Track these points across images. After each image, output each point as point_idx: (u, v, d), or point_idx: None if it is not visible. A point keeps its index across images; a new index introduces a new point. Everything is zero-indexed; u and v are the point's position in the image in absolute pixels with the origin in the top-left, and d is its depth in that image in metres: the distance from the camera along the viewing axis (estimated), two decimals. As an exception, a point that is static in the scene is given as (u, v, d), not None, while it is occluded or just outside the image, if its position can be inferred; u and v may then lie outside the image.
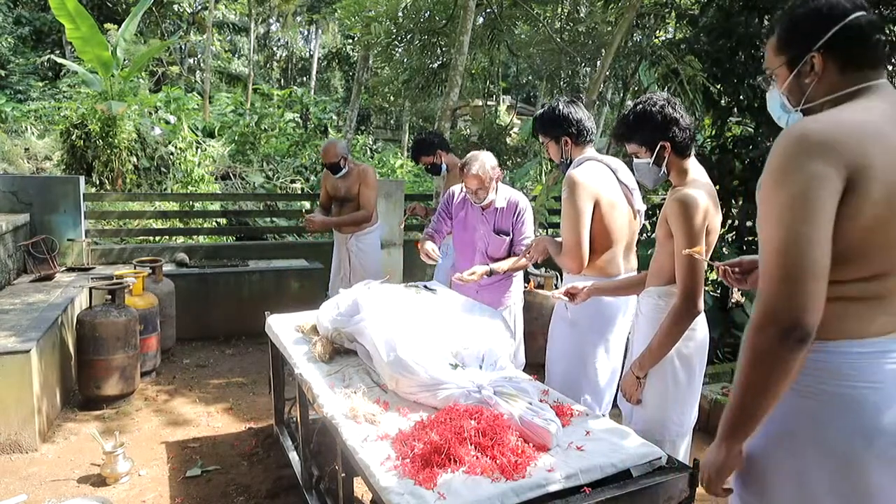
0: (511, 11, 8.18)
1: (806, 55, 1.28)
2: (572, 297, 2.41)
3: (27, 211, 5.11)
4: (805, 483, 1.25)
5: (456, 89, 5.56)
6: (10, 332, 3.38)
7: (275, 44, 24.89)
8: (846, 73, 1.26)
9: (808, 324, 1.13)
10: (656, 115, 2.05)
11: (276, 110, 11.90)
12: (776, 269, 1.16)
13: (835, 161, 1.13)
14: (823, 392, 1.23)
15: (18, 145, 9.93)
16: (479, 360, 2.29)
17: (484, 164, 3.07)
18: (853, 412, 1.21)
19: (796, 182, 1.14)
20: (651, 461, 1.77)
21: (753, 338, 1.18)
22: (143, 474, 3.09)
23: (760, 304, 1.17)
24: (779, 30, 1.34)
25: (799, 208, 1.14)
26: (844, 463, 1.22)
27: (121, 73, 8.76)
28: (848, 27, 1.24)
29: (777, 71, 1.36)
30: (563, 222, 2.54)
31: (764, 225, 1.21)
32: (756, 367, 1.18)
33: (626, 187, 2.64)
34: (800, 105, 1.35)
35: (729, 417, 1.27)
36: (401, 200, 6.20)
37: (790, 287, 1.14)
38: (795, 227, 1.14)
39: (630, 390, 2.21)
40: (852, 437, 1.21)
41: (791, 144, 1.17)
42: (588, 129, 2.65)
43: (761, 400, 1.20)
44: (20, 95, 13.65)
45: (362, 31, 9.84)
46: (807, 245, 1.13)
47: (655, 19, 7.18)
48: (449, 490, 1.56)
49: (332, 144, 4.57)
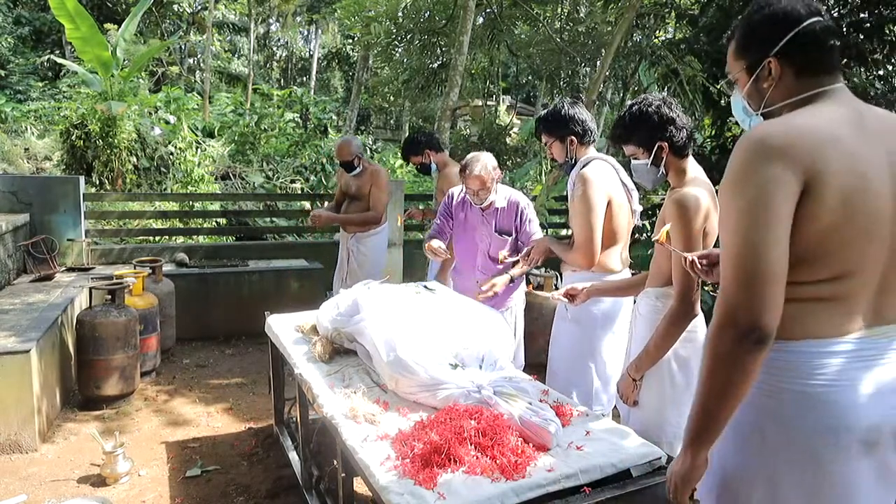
0: (511, 11, 8.18)
1: (763, 60, 1.30)
2: (572, 299, 2.42)
3: (27, 211, 5.11)
4: (776, 484, 1.25)
5: (456, 89, 5.56)
6: (10, 332, 3.38)
7: (275, 44, 24.89)
8: (802, 77, 1.28)
9: (766, 326, 1.15)
10: (653, 116, 2.06)
11: (276, 110, 11.89)
12: (734, 272, 1.18)
13: (791, 165, 1.15)
14: (786, 391, 1.24)
15: (18, 145, 9.93)
16: (479, 360, 2.29)
17: (486, 164, 3.08)
18: (817, 410, 1.22)
19: (753, 186, 1.16)
20: (651, 461, 1.77)
21: (713, 341, 1.20)
22: (143, 474, 3.09)
23: (720, 308, 1.19)
24: (737, 35, 1.36)
25: (756, 213, 1.15)
26: (813, 460, 1.23)
27: (121, 74, 8.75)
28: (803, 33, 1.26)
29: (737, 76, 1.38)
30: (576, 219, 2.57)
31: (723, 229, 1.23)
32: (717, 370, 1.20)
33: (626, 187, 2.70)
34: (760, 109, 1.36)
35: (693, 424, 1.27)
36: (401, 200, 6.20)
37: (748, 290, 1.15)
38: (752, 231, 1.16)
39: (627, 392, 2.20)
40: (819, 434, 1.22)
41: (748, 149, 1.19)
42: (591, 130, 2.72)
43: (723, 403, 1.21)
44: (20, 95, 13.66)
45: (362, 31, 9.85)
46: (764, 249, 1.15)
47: (655, 19, 7.19)
48: (449, 490, 1.56)
49: (346, 143, 4.53)
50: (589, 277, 2.59)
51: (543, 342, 4.02)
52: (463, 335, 2.34)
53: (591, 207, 2.52)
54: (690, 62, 5.40)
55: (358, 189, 4.52)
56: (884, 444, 1.24)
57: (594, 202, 2.53)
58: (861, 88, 4.32)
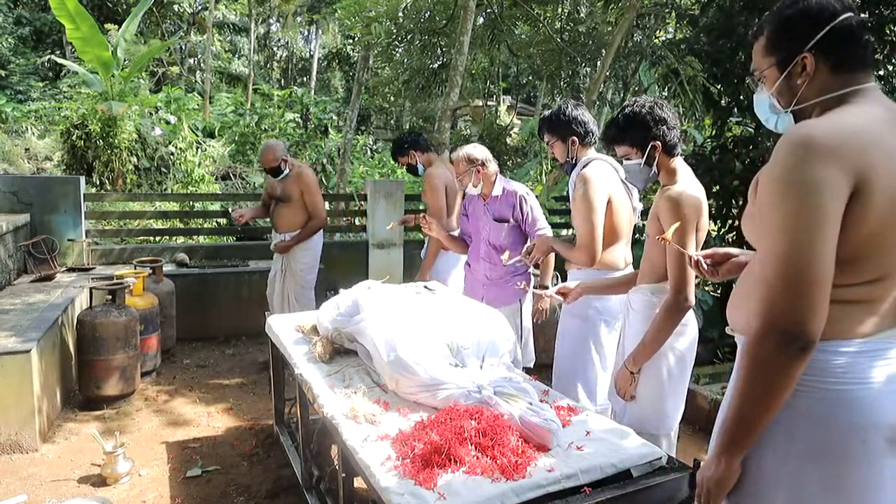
0: (511, 12, 8.17)
1: (797, 56, 1.27)
2: (564, 297, 2.47)
3: (27, 211, 5.11)
4: (802, 485, 1.24)
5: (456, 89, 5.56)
6: (11, 332, 3.38)
7: (275, 44, 24.89)
8: (838, 74, 1.25)
9: (812, 333, 1.12)
10: (646, 116, 2.11)
11: (277, 110, 11.90)
12: (780, 277, 1.14)
13: (841, 168, 1.11)
14: (816, 390, 1.22)
15: (19, 145, 9.94)
16: (480, 360, 2.29)
17: (461, 153, 3.26)
18: (845, 409, 1.20)
19: (803, 187, 1.12)
20: (651, 461, 1.77)
21: (754, 347, 1.16)
22: (144, 474, 3.09)
23: (763, 313, 1.15)
24: (768, 31, 1.32)
25: (806, 216, 1.12)
26: (839, 459, 1.21)
27: (121, 74, 8.76)
28: (838, 28, 1.23)
29: (766, 72, 1.35)
30: (578, 218, 2.63)
31: (765, 231, 1.20)
32: (757, 377, 1.17)
33: (626, 186, 2.75)
34: (790, 106, 1.33)
35: (728, 429, 1.25)
36: (401, 201, 6.20)
37: (794, 296, 1.12)
38: (801, 235, 1.12)
39: (624, 385, 2.24)
40: (847, 432, 1.20)
41: (796, 148, 1.15)
42: (593, 132, 2.80)
43: (762, 411, 1.19)
44: (20, 96, 13.67)
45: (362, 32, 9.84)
46: (813, 255, 1.11)
47: (656, 19, 7.19)
48: (449, 490, 1.56)
49: (269, 149, 4.51)
50: (593, 275, 2.63)
51: (543, 342, 4.03)
52: (463, 335, 2.34)
53: (592, 206, 2.58)
54: (691, 62, 5.40)
55: (284, 190, 4.52)
56: None
57: (595, 201, 2.58)
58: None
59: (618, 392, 2.28)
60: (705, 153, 5.33)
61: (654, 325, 2.10)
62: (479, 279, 3.34)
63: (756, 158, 4.94)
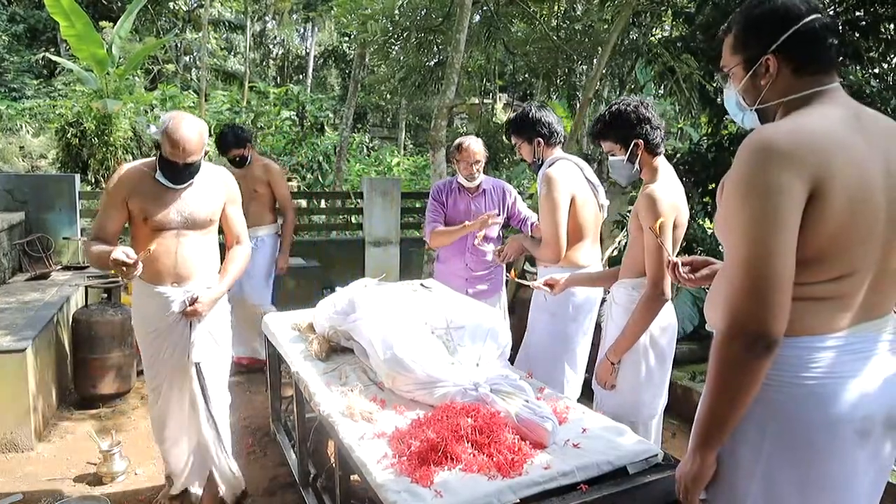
0: (507, 9, 8.16)
1: (761, 56, 1.29)
2: (551, 288, 2.56)
3: (22, 209, 5.09)
4: (772, 478, 1.27)
5: (452, 87, 5.55)
6: (6, 330, 3.37)
7: (271, 41, 24.82)
8: (800, 75, 1.27)
9: (775, 333, 1.16)
10: (630, 115, 2.22)
11: (273, 108, 11.86)
12: (743, 281, 1.18)
13: (800, 172, 1.14)
14: (788, 385, 1.25)
15: (13, 143, 9.90)
16: (476, 358, 2.30)
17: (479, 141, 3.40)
18: (817, 404, 1.23)
19: (761, 194, 1.16)
20: (647, 458, 1.78)
21: (722, 348, 1.21)
22: (140, 473, 3.09)
23: (728, 315, 1.19)
24: (735, 29, 1.34)
25: (765, 221, 1.15)
26: (811, 453, 1.24)
27: (116, 71, 8.73)
28: (803, 30, 1.25)
29: (733, 70, 1.37)
30: (543, 217, 2.75)
31: (729, 235, 1.24)
32: (726, 375, 1.21)
33: (592, 184, 2.89)
34: (755, 105, 1.36)
35: (702, 426, 1.29)
36: (397, 199, 6.20)
37: (757, 299, 1.16)
38: (761, 240, 1.15)
39: (605, 375, 2.34)
40: (817, 426, 1.23)
41: (755, 153, 1.18)
42: (558, 132, 2.91)
43: (732, 408, 1.23)
44: (15, 93, 13.59)
45: (358, 29, 9.82)
46: (773, 258, 1.15)
47: (652, 17, 7.19)
48: (446, 488, 1.56)
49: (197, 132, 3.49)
50: (557, 272, 2.72)
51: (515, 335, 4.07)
52: (460, 333, 2.34)
53: (556, 205, 2.70)
54: (687, 60, 5.40)
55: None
56: (876, 432, 1.26)
57: (558, 200, 2.70)
58: (856, 86, 4.33)
59: (598, 381, 2.38)
60: (701, 151, 5.34)
61: (633, 318, 2.21)
62: (459, 273, 3.39)
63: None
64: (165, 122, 2.35)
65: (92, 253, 2.36)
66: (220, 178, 2.61)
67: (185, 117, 2.38)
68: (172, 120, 2.34)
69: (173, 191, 2.44)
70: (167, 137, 2.31)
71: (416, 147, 18.22)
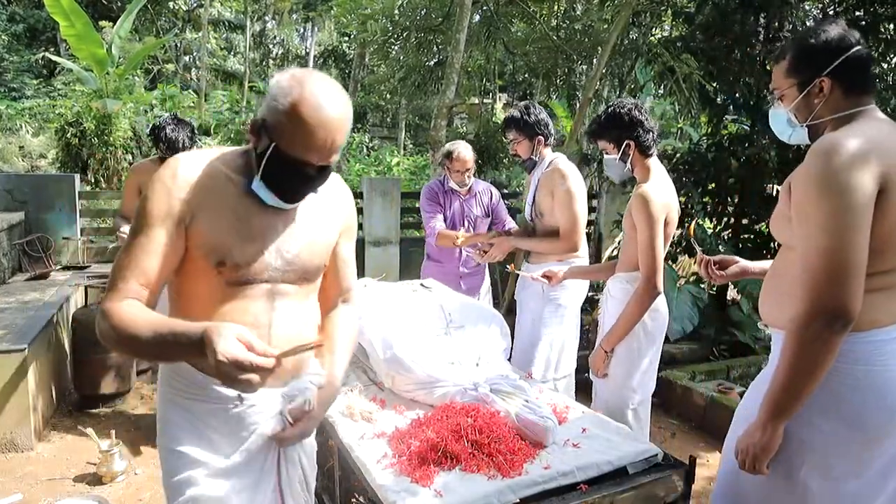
0: (507, 9, 8.16)
1: (816, 79, 1.47)
2: (549, 279, 2.67)
3: (22, 209, 5.09)
4: (828, 457, 1.43)
5: (452, 87, 5.55)
6: (5, 330, 3.37)
7: (270, 41, 24.82)
8: (848, 96, 1.47)
9: (853, 312, 1.32)
10: (624, 117, 2.33)
11: (273, 108, 11.85)
12: (824, 269, 1.33)
13: (871, 171, 1.31)
14: (851, 376, 1.40)
15: (13, 143, 9.89)
16: (476, 357, 2.30)
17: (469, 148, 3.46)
18: (877, 392, 1.40)
19: (839, 190, 1.31)
20: (647, 458, 1.77)
21: (803, 326, 1.35)
22: (140, 473, 3.08)
23: (810, 298, 1.34)
24: (790, 55, 1.52)
25: (843, 214, 1.31)
26: (870, 436, 1.41)
27: (116, 71, 8.72)
28: (853, 57, 1.45)
29: (786, 91, 1.54)
30: (562, 209, 2.85)
31: (806, 229, 1.38)
32: (805, 352, 1.35)
33: None
34: (806, 121, 1.53)
35: (776, 399, 1.41)
36: (397, 199, 6.19)
37: (838, 285, 1.31)
38: (841, 232, 1.31)
39: (598, 364, 2.46)
40: (877, 413, 1.40)
41: (830, 156, 1.34)
42: (553, 133, 3.05)
43: (809, 380, 1.36)
44: (15, 93, 13.59)
45: (358, 29, 9.82)
46: (851, 248, 1.31)
47: (652, 17, 7.19)
48: (445, 488, 1.56)
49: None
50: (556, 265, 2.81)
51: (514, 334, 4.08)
52: (459, 333, 2.34)
53: (574, 198, 2.82)
54: (687, 60, 5.40)
55: None
56: None
57: (576, 193, 2.83)
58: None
59: (592, 369, 2.51)
60: (701, 151, 5.34)
61: (626, 310, 2.33)
62: (452, 271, 3.51)
63: (752, 156, 4.95)
64: (286, 90, 1.21)
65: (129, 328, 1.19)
66: (338, 193, 1.53)
67: (322, 80, 1.25)
68: (302, 86, 1.21)
69: (273, 214, 1.35)
70: (297, 117, 1.20)
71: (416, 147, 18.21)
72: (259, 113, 1.27)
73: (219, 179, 1.31)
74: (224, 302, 1.33)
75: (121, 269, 1.26)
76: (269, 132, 1.24)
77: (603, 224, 6.63)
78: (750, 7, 4.92)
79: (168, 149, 3.12)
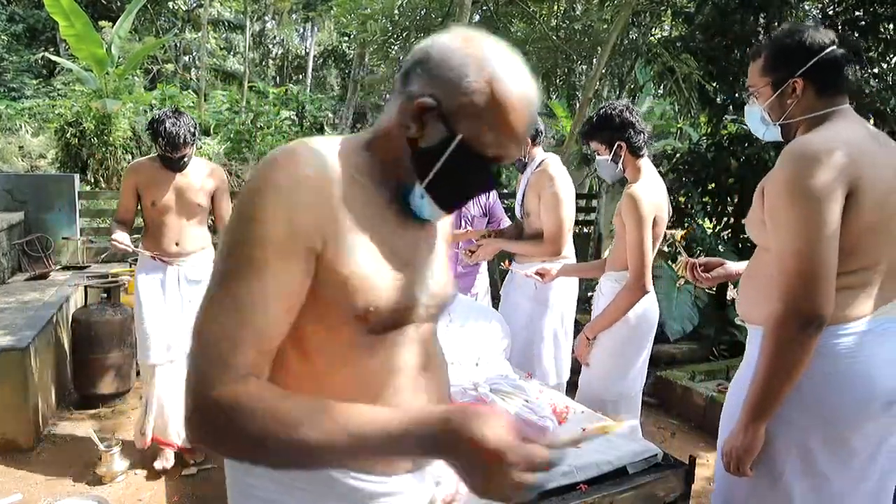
0: (507, 9, 8.16)
1: (789, 79, 1.49)
2: (542, 276, 2.67)
3: (22, 209, 5.09)
4: (809, 453, 1.43)
5: (452, 87, 5.55)
6: (5, 330, 3.36)
7: (270, 41, 24.82)
8: (821, 96, 1.48)
9: (826, 313, 1.33)
10: (615, 118, 2.36)
11: (272, 108, 11.86)
12: (796, 272, 1.35)
13: (840, 175, 1.33)
14: (819, 371, 1.40)
15: (13, 143, 9.89)
16: (476, 357, 2.30)
17: None
18: (848, 385, 1.41)
19: (810, 194, 1.33)
20: (647, 458, 1.78)
21: (779, 328, 1.36)
22: (139, 473, 3.08)
23: (784, 300, 1.36)
24: (766, 54, 1.53)
25: (814, 218, 1.33)
26: (844, 428, 1.42)
27: (116, 71, 8.73)
28: (826, 58, 1.46)
29: (761, 90, 1.56)
30: (547, 212, 2.84)
31: (778, 233, 1.40)
32: (782, 353, 1.37)
33: None
34: (779, 120, 1.55)
35: (755, 402, 1.42)
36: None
37: (810, 286, 1.33)
38: (812, 235, 1.33)
39: (581, 350, 2.50)
40: (849, 405, 1.41)
41: (801, 160, 1.36)
42: (543, 132, 3.08)
43: (786, 381, 1.38)
44: (14, 93, 13.58)
45: (358, 29, 9.82)
46: (822, 251, 1.33)
47: (651, 17, 7.19)
48: (445, 487, 1.56)
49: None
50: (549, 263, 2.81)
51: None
52: (459, 333, 2.34)
53: (561, 201, 2.81)
54: (686, 60, 5.40)
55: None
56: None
57: (562, 196, 2.81)
58: (856, 86, 4.33)
59: (576, 355, 2.56)
60: (701, 150, 5.34)
61: (613, 302, 2.37)
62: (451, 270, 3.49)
63: (751, 156, 4.95)
64: (473, 60, 0.87)
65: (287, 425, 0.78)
66: None
67: (497, 43, 0.91)
68: (493, 55, 0.88)
69: (415, 231, 1.01)
70: (502, 99, 0.86)
71: (416, 147, 18.17)
72: (418, 90, 0.88)
73: (352, 186, 0.90)
74: (362, 359, 0.94)
75: (226, 333, 0.81)
76: (450, 120, 0.87)
77: (603, 224, 6.63)
78: (750, 7, 4.93)
79: (168, 144, 2.81)
